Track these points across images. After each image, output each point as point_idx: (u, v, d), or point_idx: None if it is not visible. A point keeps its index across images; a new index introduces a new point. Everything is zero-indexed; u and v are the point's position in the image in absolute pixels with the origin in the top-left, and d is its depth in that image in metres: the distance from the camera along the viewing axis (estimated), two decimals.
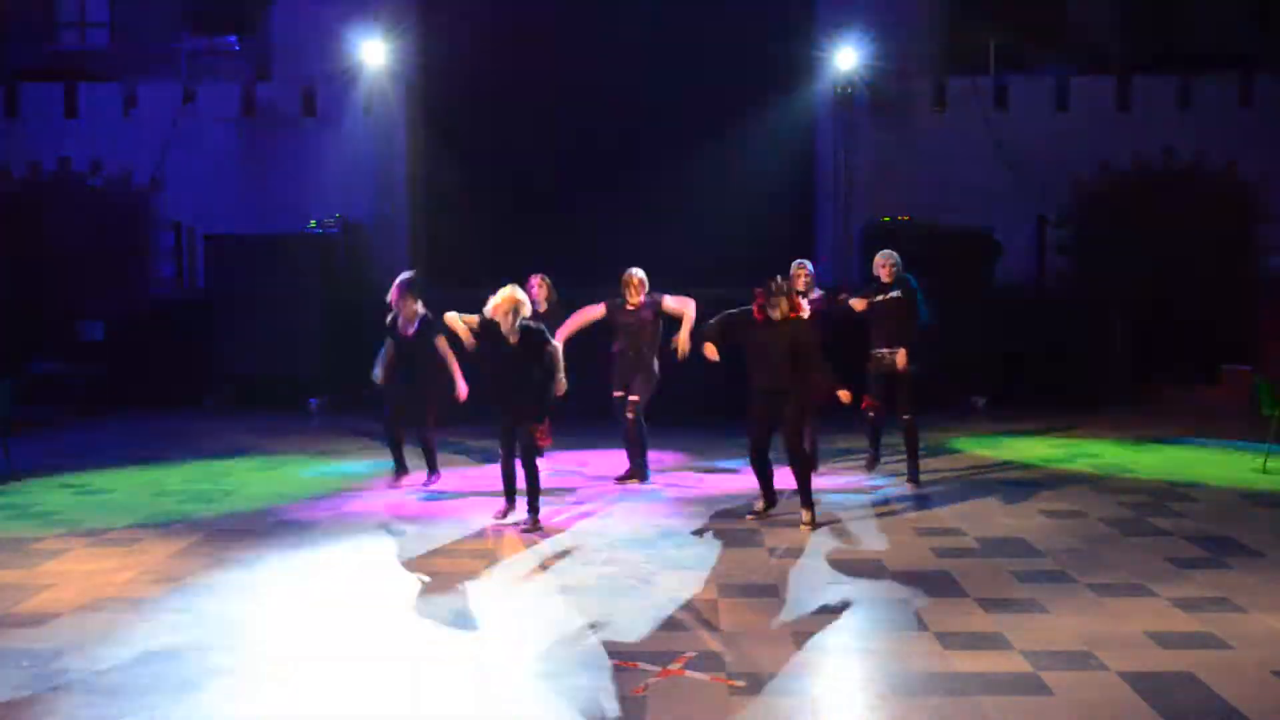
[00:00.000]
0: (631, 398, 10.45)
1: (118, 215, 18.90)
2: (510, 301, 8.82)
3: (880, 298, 10.53)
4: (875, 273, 10.64)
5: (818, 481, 9.86)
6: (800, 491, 9.07)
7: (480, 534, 8.97)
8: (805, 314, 9.04)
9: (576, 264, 16.64)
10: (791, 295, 8.96)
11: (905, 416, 10.57)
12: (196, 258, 17.72)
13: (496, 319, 8.83)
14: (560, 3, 18.45)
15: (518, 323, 8.83)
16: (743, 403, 9.18)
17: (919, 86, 18.52)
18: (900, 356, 10.38)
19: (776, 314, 8.87)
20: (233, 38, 20.31)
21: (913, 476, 10.63)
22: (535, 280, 11.20)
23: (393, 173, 18.02)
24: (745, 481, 10.66)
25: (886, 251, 10.68)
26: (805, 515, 9.03)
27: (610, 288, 10.71)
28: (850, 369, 10.28)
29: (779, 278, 8.99)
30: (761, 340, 8.92)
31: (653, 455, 11.09)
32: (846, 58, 17.40)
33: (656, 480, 10.87)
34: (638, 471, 10.73)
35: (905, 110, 18.49)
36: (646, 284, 10.57)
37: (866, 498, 10.15)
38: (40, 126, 18.75)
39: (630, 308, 10.54)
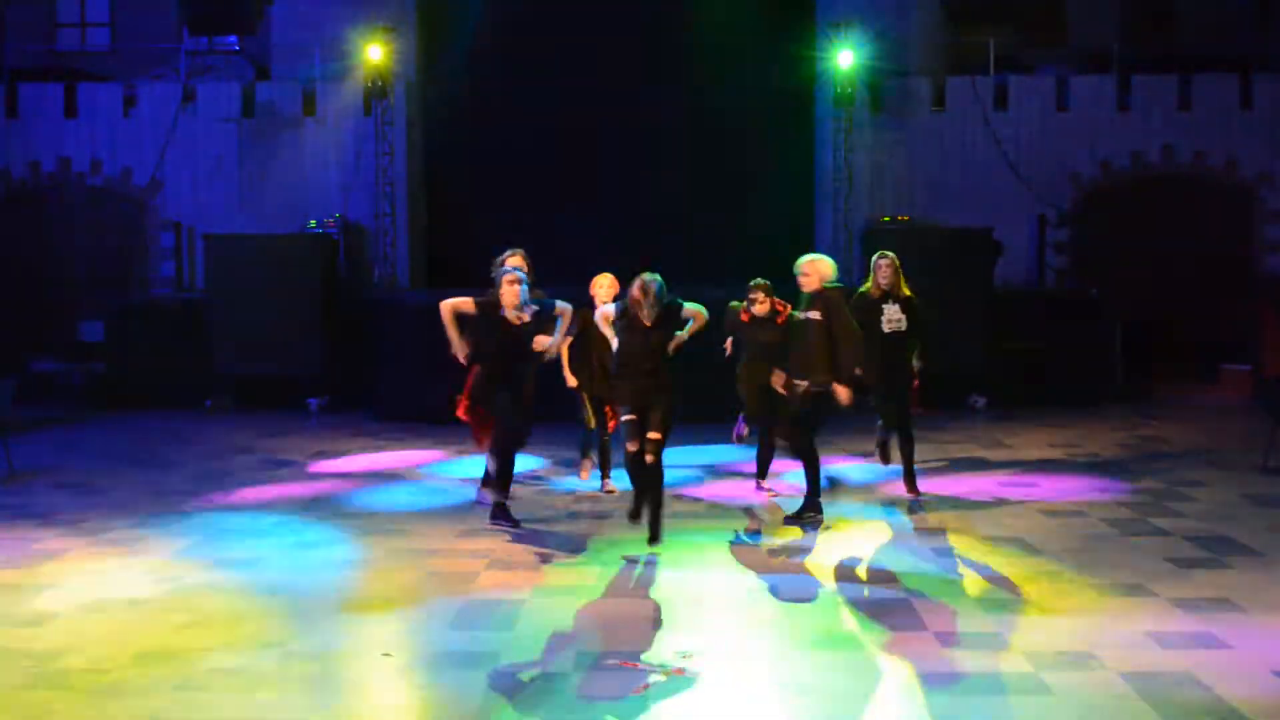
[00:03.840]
0: (653, 435, 8.35)
1: (118, 215, 18.91)
2: (611, 280, 8.89)
3: (886, 324, 9.59)
4: (875, 277, 9.70)
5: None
6: (808, 486, 9.10)
7: (480, 533, 8.96)
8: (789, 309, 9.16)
9: (576, 265, 16.64)
10: (771, 295, 9.29)
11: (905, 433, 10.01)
12: (196, 258, 17.72)
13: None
14: (560, 2, 18.45)
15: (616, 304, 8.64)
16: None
17: (919, 86, 18.52)
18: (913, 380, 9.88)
19: (761, 310, 9.30)
20: (233, 38, 20.34)
21: (911, 484, 10.14)
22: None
23: (393, 173, 18.02)
24: (745, 485, 10.64)
25: (887, 254, 9.79)
26: (807, 515, 9.04)
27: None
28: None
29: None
30: (752, 338, 9.37)
31: None
32: (846, 58, 17.39)
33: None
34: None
35: (905, 110, 18.49)
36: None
37: (867, 498, 10.14)
38: (40, 126, 18.73)
39: (647, 324, 8.44)
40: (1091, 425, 14.08)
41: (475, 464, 11.80)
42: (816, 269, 8.96)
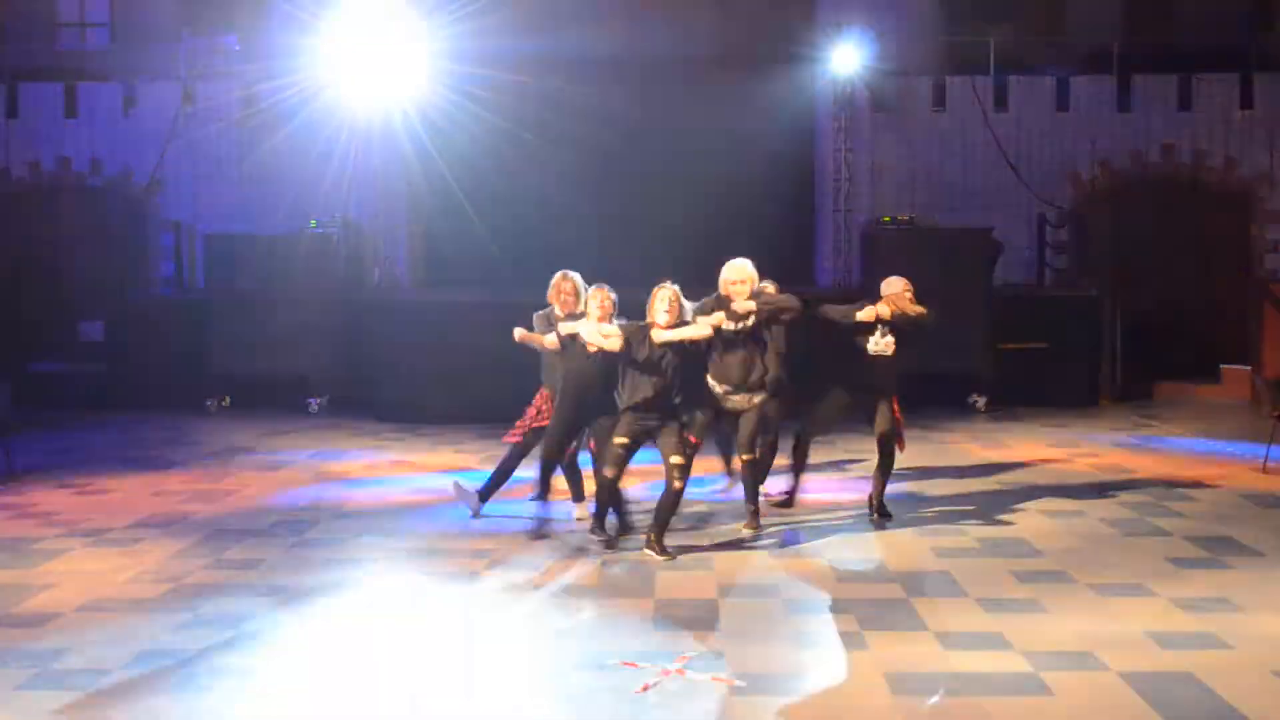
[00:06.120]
0: (674, 460, 8.18)
1: (118, 215, 18.89)
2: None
3: (876, 347, 8.96)
4: (887, 303, 8.93)
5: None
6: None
7: (480, 533, 8.96)
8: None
9: (575, 266, 16.62)
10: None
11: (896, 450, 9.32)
12: (196, 257, 17.72)
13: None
14: (559, 3, 18.43)
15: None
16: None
17: (919, 86, 18.52)
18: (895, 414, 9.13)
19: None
20: (233, 38, 20.31)
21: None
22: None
23: (393, 173, 18.01)
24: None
25: (903, 283, 9.05)
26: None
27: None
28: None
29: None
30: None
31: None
32: (846, 58, 17.38)
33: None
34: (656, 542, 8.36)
35: (905, 110, 18.49)
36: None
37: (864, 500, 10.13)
38: (40, 126, 18.73)
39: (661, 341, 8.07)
40: (1091, 425, 14.08)
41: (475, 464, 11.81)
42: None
